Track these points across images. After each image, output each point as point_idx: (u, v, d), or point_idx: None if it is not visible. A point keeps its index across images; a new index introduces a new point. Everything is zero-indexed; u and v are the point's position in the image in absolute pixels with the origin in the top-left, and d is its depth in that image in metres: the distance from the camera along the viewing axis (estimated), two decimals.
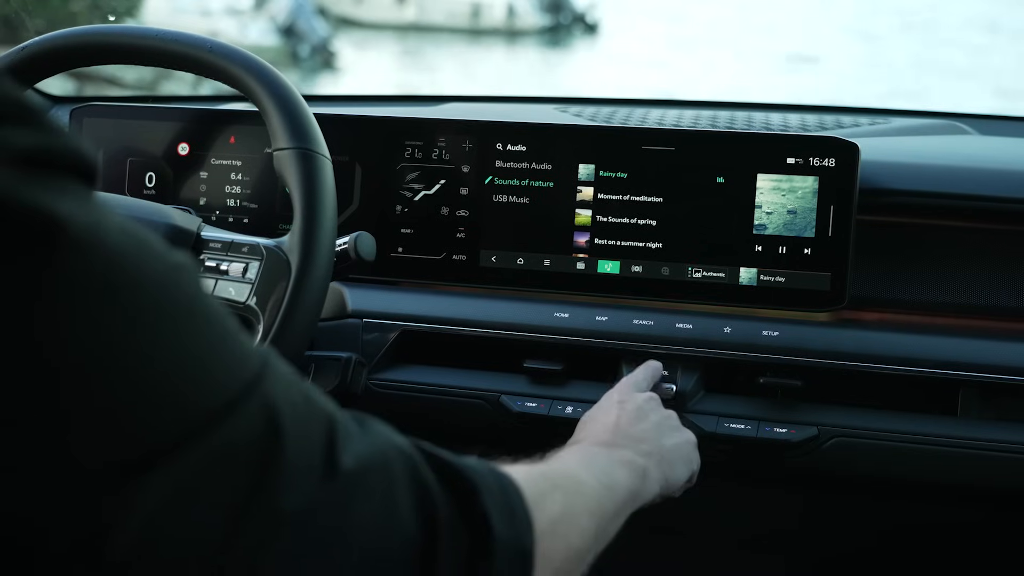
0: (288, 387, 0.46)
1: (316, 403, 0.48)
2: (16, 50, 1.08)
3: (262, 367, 0.45)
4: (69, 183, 0.40)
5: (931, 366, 1.06)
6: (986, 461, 1.05)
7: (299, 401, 0.46)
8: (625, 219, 1.13)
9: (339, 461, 0.46)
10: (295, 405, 0.45)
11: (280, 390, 0.45)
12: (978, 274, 1.13)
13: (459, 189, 1.18)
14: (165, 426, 0.40)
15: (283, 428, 0.44)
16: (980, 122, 1.41)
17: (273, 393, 0.44)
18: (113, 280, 0.39)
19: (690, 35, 18.32)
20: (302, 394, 0.47)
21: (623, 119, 1.32)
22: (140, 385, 0.39)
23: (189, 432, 0.40)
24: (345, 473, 0.46)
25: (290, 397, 0.45)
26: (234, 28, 12.46)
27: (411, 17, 18.43)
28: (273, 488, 0.42)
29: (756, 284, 1.10)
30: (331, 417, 0.48)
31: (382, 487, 0.48)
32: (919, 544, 1.30)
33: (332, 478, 0.45)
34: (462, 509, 0.51)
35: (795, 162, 1.09)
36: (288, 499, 0.43)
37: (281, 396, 0.45)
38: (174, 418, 0.40)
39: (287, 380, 0.46)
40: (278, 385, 0.45)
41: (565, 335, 1.12)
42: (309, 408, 0.47)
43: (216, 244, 1.00)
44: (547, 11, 19.37)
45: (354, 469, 0.47)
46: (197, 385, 0.41)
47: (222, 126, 1.23)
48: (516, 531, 0.54)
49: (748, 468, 1.11)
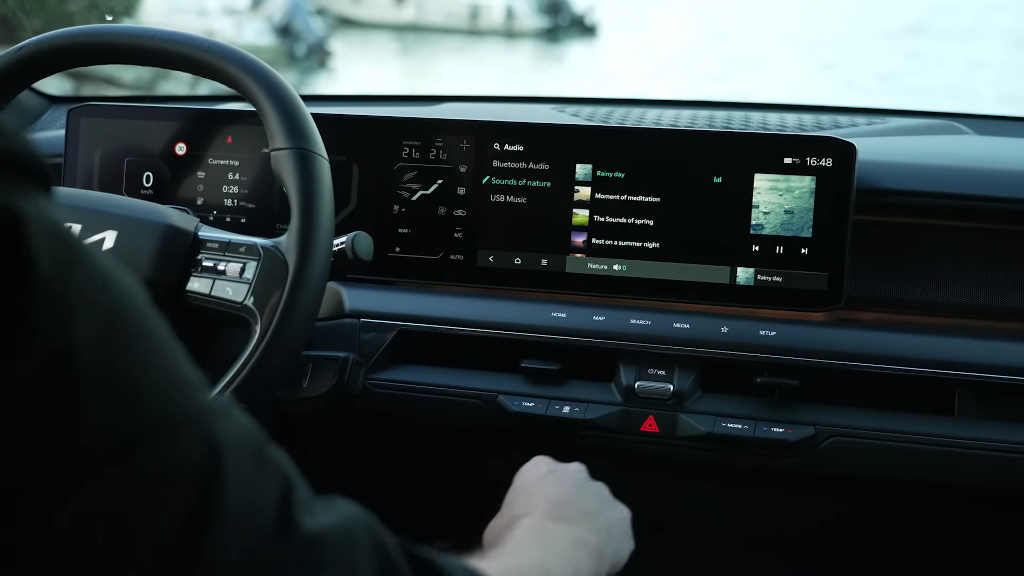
0: (242, 437, 0.44)
1: (272, 461, 0.45)
2: (14, 49, 1.07)
3: (211, 403, 0.43)
4: (26, 184, 0.39)
5: (928, 366, 1.07)
6: (983, 461, 1.05)
7: (250, 453, 0.43)
8: (622, 219, 1.14)
9: (296, 523, 0.43)
10: (243, 454, 0.43)
11: (231, 433, 0.43)
12: (975, 274, 1.13)
13: (456, 189, 1.18)
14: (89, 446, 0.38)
15: (225, 470, 0.41)
16: (977, 122, 1.42)
17: (220, 432, 0.42)
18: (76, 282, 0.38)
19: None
20: (256, 448, 0.44)
21: (620, 119, 1.33)
22: (90, 392, 0.38)
23: (125, 440, 0.38)
24: (304, 536, 0.43)
25: (242, 445, 0.43)
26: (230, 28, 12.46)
27: (409, 17, 18.43)
28: (209, 533, 0.40)
29: (753, 284, 1.10)
30: (288, 479, 0.45)
31: (346, 561, 0.45)
32: (917, 544, 1.30)
33: (285, 539, 0.43)
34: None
35: (792, 162, 1.09)
36: (225, 550, 0.40)
37: (230, 439, 0.42)
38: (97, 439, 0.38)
39: (243, 430, 0.44)
40: (230, 428, 0.43)
41: (562, 335, 1.13)
42: (262, 463, 0.44)
43: (214, 244, 1.00)
44: (545, 13, 19.39)
45: (315, 536, 0.44)
46: (140, 398, 0.39)
47: (220, 126, 1.23)
48: None
49: (745, 468, 1.12)
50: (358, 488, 1.52)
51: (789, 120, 1.34)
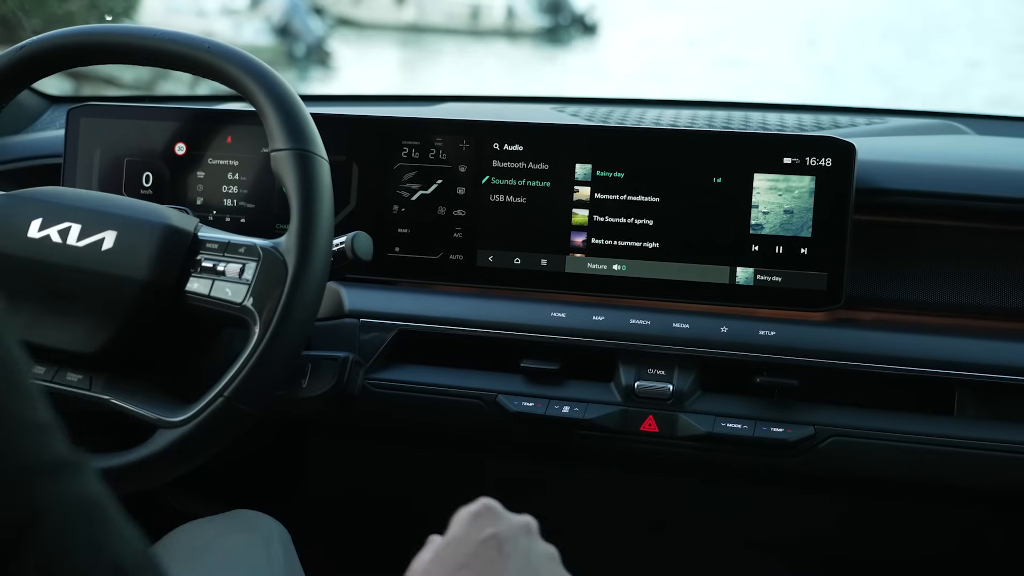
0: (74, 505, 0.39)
1: (106, 540, 0.40)
2: (14, 49, 1.08)
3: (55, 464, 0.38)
4: None
5: (927, 365, 1.07)
6: (983, 460, 1.05)
7: (78, 524, 0.39)
8: (622, 219, 1.14)
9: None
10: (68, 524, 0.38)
11: (62, 498, 0.38)
12: (975, 274, 1.13)
13: (456, 189, 1.18)
14: None
15: (37, 536, 0.37)
16: (977, 122, 1.42)
17: (48, 494, 0.38)
18: None
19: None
20: (90, 520, 0.40)
21: (620, 119, 1.33)
22: None
23: None
24: None
25: (69, 514, 0.39)
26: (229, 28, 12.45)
27: (410, 18, 18.42)
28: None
29: (753, 284, 1.10)
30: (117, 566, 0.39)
31: None
32: (917, 544, 1.30)
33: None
34: None
35: (792, 162, 1.09)
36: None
37: (59, 503, 0.38)
38: None
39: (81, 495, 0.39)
40: (62, 492, 0.38)
41: (562, 335, 1.13)
42: (91, 539, 0.39)
43: (213, 245, 1.00)
44: (546, 12, 19.38)
45: None
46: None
47: (219, 126, 1.23)
48: None
49: (745, 468, 1.12)
50: (357, 488, 1.53)
51: (788, 120, 1.34)
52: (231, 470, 1.33)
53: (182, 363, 1.06)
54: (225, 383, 0.94)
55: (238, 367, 0.94)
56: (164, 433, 0.96)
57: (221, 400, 0.94)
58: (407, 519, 1.41)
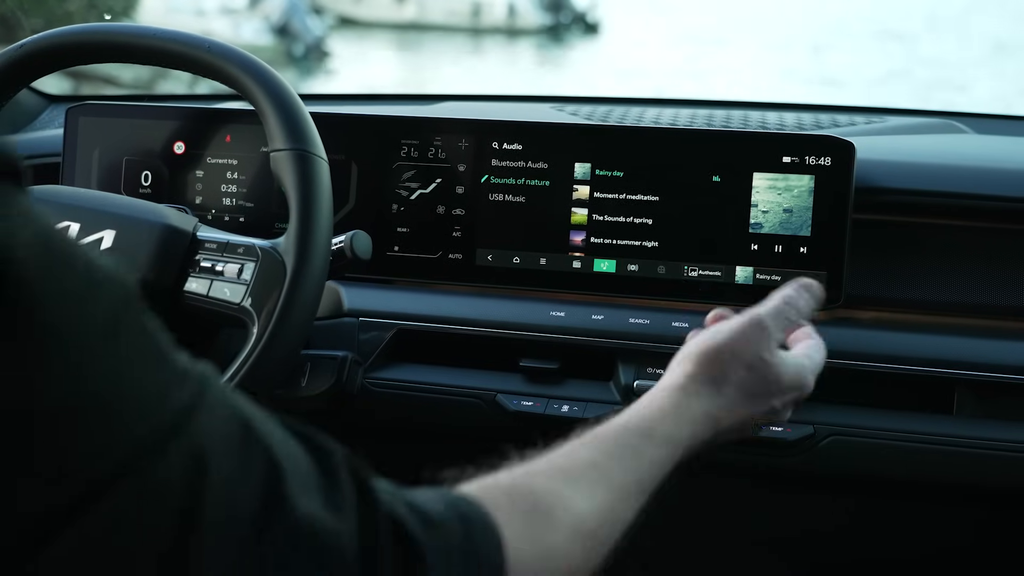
0: (224, 423, 0.42)
1: (258, 446, 0.43)
2: (14, 48, 1.07)
3: (191, 402, 0.40)
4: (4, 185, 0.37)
5: (927, 364, 1.07)
6: (982, 460, 1.05)
7: (235, 444, 0.42)
8: (621, 218, 1.13)
9: (285, 508, 0.42)
10: (227, 449, 0.41)
11: (214, 424, 0.41)
12: (974, 273, 1.13)
13: (455, 188, 1.18)
14: (72, 473, 0.36)
15: (210, 471, 0.39)
16: (976, 121, 1.42)
17: (203, 430, 0.40)
18: (17, 302, 0.35)
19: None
20: (242, 435, 0.42)
21: (619, 118, 1.32)
22: (46, 425, 0.35)
23: (98, 479, 0.37)
24: (292, 521, 0.42)
25: (225, 439, 0.41)
26: (228, 27, 12.45)
27: (410, 16, 18.42)
28: (198, 535, 0.39)
29: (752, 283, 1.10)
30: (274, 463, 0.43)
31: (321, 549, 0.43)
32: (916, 543, 1.30)
33: (272, 525, 0.41)
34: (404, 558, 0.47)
35: (791, 161, 1.09)
36: (214, 547, 0.39)
37: (214, 432, 0.41)
38: (80, 464, 0.36)
39: (223, 413, 0.42)
40: (212, 417, 0.41)
41: (561, 334, 1.12)
42: (247, 451, 0.42)
43: (212, 244, 1.00)
44: (547, 10, 19.38)
45: (303, 521, 0.42)
46: (109, 424, 0.37)
47: (218, 125, 1.23)
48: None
49: (744, 467, 1.11)
50: None
51: (788, 119, 1.34)
52: None
53: None
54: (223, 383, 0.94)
55: (236, 367, 0.94)
56: None
57: None
58: None
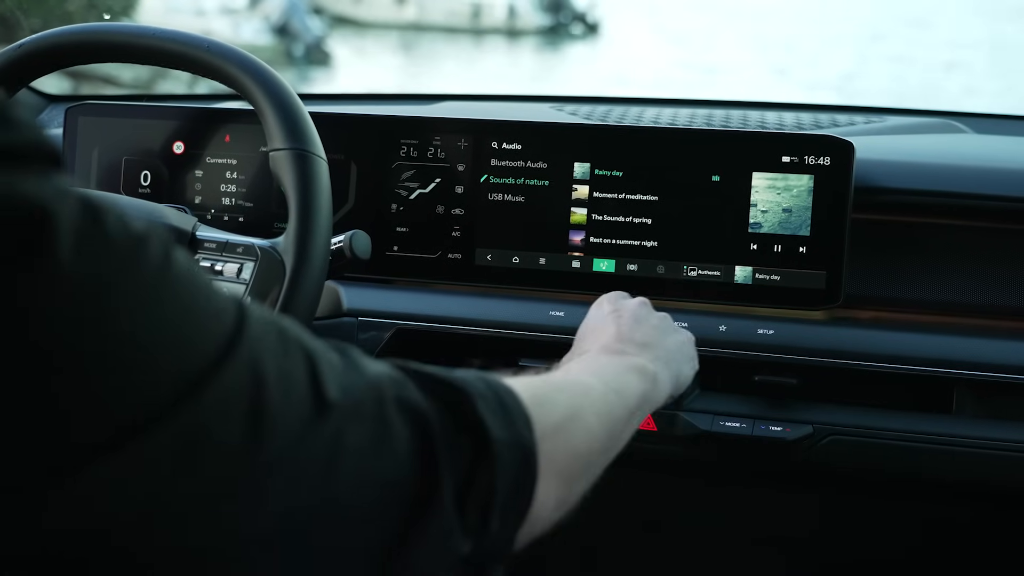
0: (265, 332, 0.46)
1: (293, 341, 0.48)
2: (13, 47, 1.07)
3: (239, 320, 0.45)
4: (48, 172, 0.41)
5: (926, 364, 1.07)
6: (981, 459, 1.05)
7: (277, 344, 0.47)
8: (620, 217, 1.13)
9: (326, 395, 0.47)
10: (274, 350, 0.46)
11: (259, 337, 0.45)
12: (973, 272, 1.13)
13: (455, 188, 1.18)
14: (148, 396, 0.40)
15: (267, 378, 0.44)
16: (975, 120, 1.42)
17: (252, 345, 0.45)
18: (79, 258, 0.40)
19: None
20: (279, 334, 0.47)
21: (618, 118, 1.32)
22: (117, 359, 0.40)
23: (174, 399, 0.41)
24: (334, 406, 0.47)
25: (269, 343, 0.46)
26: (228, 27, 12.45)
27: (411, 16, 18.42)
28: (265, 437, 0.43)
29: (751, 282, 1.10)
30: (310, 352, 0.48)
31: (372, 414, 0.49)
32: (916, 543, 1.30)
33: (321, 413, 0.46)
34: (456, 419, 0.52)
35: (790, 160, 1.09)
36: (279, 444, 0.44)
37: (261, 344, 0.45)
38: (155, 388, 0.41)
39: (263, 325, 0.47)
40: (256, 332, 0.45)
41: (560, 334, 1.12)
42: (287, 348, 0.47)
43: (211, 244, 1.00)
44: (547, 11, 19.38)
45: (342, 401, 0.47)
46: (174, 354, 0.42)
47: (218, 125, 1.23)
48: (515, 433, 0.55)
49: (743, 467, 1.12)
50: None
51: (787, 119, 1.34)
52: None
53: None
54: None
55: None
56: None
57: None
58: None
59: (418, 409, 0.51)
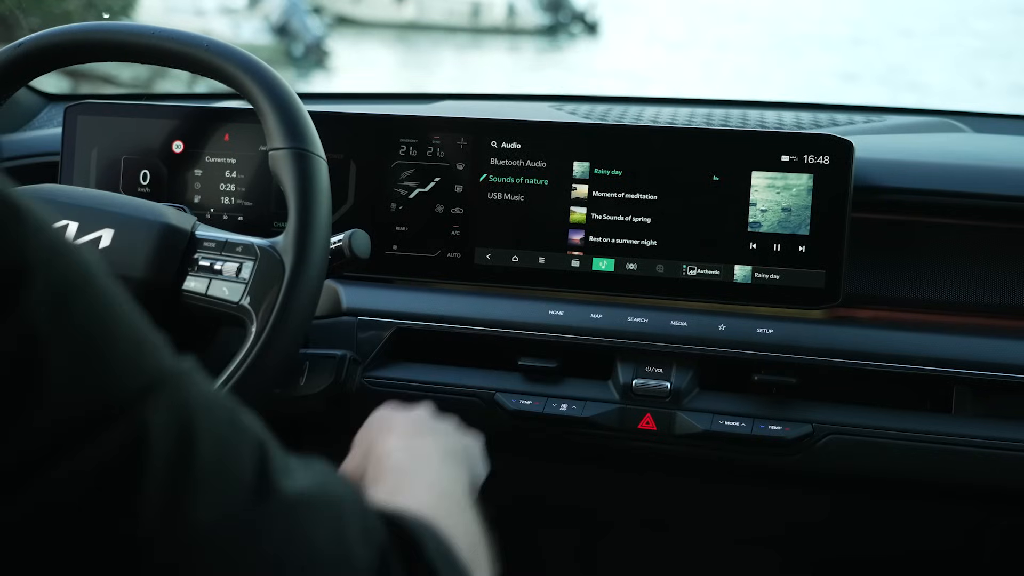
0: (212, 399, 0.44)
1: (244, 425, 0.45)
2: (12, 46, 1.07)
3: (182, 370, 0.43)
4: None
5: (925, 363, 1.07)
6: (981, 459, 1.05)
7: (222, 415, 0.44)
8: (620, 216, 1.13)
9: (276, 485, 0.44)
10: (215, 416, 0.43)
11: (201, 396, 0.43)
12: (973, 272, 1.13)
13: (454, 187, 1.18)
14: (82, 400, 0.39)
15: (198, 432, 0.42)
16: (975, 120, 1.42)
17: (191, 395, 0.42)
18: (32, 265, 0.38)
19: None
20: (228, 410, 0.45)
21: (617, 117, 1.32)
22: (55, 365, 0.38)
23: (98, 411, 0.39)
24: (285, 499, 0.44)
25: (213, 407, 0.43)
26: (227, 27, 12.46)
27: (410, 16, 18.42)
28: (187, 496, 0.40)
29: (751, 282, 1.10)
30: (262, 442, 0.45)
31: (330, 521, 0.46)
32: (914, 542, 1.30)
33: (266, 501, 0.43)
34: (409, 560, 0.50)
35: (790, 160, 1.09)
36: (204, 512, 0.41)
37: (201, 401, 0.43)
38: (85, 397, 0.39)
39: (212, 392, 0.44)
40: (199, 391, 0.43)
41: (560, 333, 1.13)
42: (235, 428, 0.44)
43: (210, 243, 1.00)
44: (547, 10, 19.40)
45: (297, 497, 0.45)
46: (109, 367, 0.40)
47: (217, 124, 1.23)
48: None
49: (742, 466, 1.12)
50: None
51: (787, 118, 1.34)
52: None
53: None
54: (221, 382, 0.94)
55: (234, 366, 0.94)
56: None
57: None
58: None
59: (377, 538, 0.48)
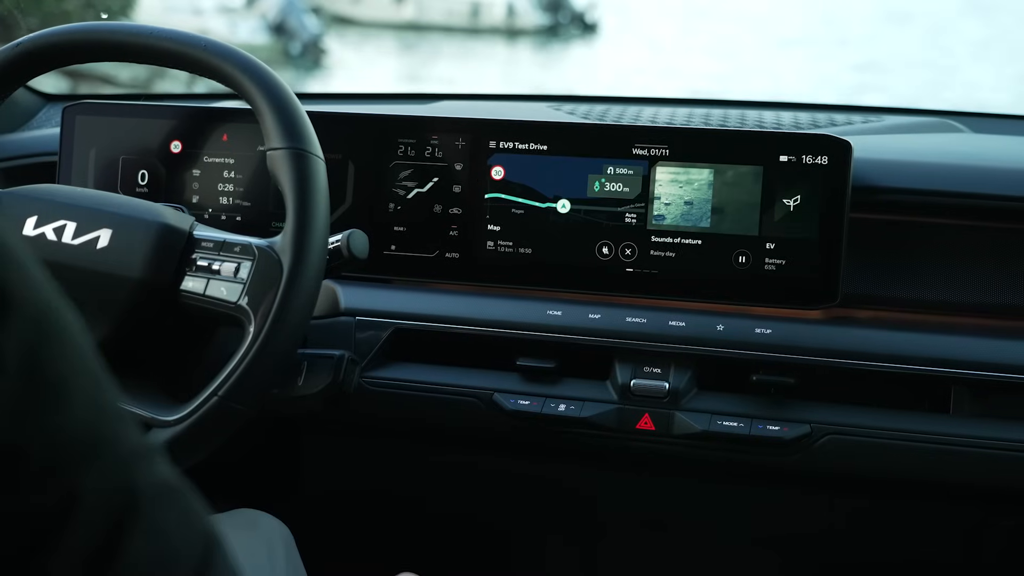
0: (165, 488, 0.41)
1: (195, 519, 0.42)
2: (11, 46, 1.07)
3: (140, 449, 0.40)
4: None
5: (924, 363, 1.07)
6: (979, 459, 1.05)
7: (171, 506, 0.41)
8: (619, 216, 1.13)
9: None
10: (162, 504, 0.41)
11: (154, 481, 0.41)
12: (971, 272, 1.13)
13: (452, 187, 1.18)
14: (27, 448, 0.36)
15: (138, 516, 0.39)
16: (973, 120, 1.42)
17: (142, 476, 0.40)
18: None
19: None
20: (180, 503, 0.42)
21: (616, 117, 1.32)
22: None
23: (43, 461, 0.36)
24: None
25: (162, 496, 0.41)
26: (225, 26, 12.45)
27: (409, 16, 18.42)
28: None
29: (750, 281, 1.10)
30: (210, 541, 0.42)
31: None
32: (913, 542, 1.30)
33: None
34: None
35: (788, 160, 1.09)
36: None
37: (151, 485, 0.40)
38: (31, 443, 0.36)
39: (167, 481, 0.42)
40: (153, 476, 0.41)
41: (558, 333, 1.13)
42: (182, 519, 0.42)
43: (208, 243, 1.00)
44: (546, 10, 19.40)
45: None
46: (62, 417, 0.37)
47: (215, 124, 1.23)
48: None
49: (741, 466, 1.12)
50: (354, 486, 1.52)
51: (785, 118, 1.34)
52: (228, 470, 1.33)
53: (177, 362, 1.05)
54: (219, 382, 0.94)
55: (232, 366, 0.93)
56: (158, 432, 0.96)
57: (215, 399, 0.94)
58: (405, 516, 1.41)
59: None
